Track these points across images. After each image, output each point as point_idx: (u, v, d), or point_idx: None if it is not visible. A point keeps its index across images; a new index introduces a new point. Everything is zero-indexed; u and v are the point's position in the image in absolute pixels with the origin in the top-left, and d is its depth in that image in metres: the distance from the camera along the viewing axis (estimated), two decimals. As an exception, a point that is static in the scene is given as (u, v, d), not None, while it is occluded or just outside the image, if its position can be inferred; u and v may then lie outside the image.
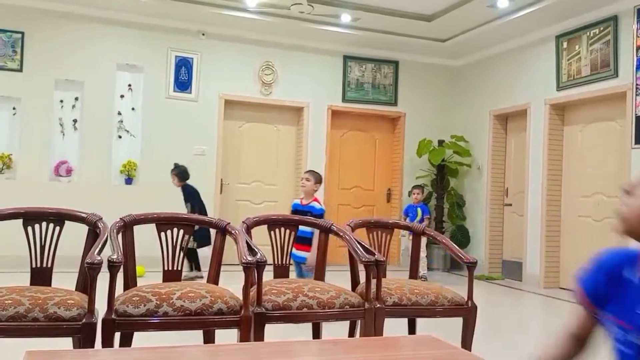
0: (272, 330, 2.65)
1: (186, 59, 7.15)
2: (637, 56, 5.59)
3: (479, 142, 7.74)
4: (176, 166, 6.31)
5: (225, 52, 7.31)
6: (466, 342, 2.98)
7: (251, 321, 2.58)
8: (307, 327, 3.08)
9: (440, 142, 7.95)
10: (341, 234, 3.17)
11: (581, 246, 6.33)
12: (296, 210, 4.41)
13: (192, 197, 6.16)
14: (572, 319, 1.47)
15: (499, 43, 7.33)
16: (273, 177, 7.72)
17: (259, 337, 2.62)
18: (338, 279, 3.29)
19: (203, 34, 7.18)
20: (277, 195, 7.69)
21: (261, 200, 7.62)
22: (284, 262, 3.17)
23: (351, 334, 3.08)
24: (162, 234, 2.91)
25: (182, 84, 7.14)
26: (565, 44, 6.42)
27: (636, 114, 5.58)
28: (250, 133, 7.64)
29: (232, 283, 3.03)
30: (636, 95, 5.59)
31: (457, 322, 3.01)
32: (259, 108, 7.59)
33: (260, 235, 3.21)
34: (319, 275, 3.20)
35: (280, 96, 7.57)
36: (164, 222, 2.95)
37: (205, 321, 2.52)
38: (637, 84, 5.59)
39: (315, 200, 4.47)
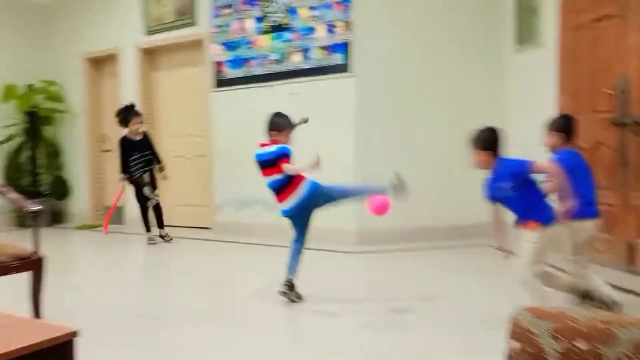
0: None
1: None
2: (212, 6, 6.06)
3: (74, 87, 7.36)
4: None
5: None
6: (36, 297, 2.85)
7: None
8: None
9: (29, 87, 7.25)
10: None
11: (179, 183, 6.74)
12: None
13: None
14: None
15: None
16: None
17: None
18: None
19: None
20: None
21: None
22: None
23: None
24: None
25: None
26: (148, -11, 6.52)
27: (214, 60, 6.12)
28: None
29: None
30: (213, 42, 6.10)
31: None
32: None
33: None
34: None
35: None
36: None
37: None
38: (213, 32, 6.09)
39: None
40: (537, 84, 4.87)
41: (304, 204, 3.40)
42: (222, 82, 6.05)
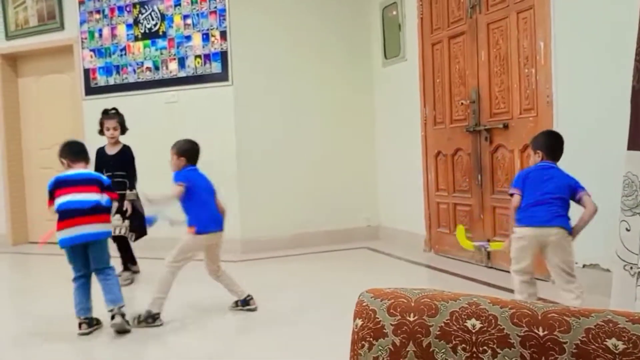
0: None
1: None
2: (80, 11, 5.83)
3: None
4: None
5: None
6: None
7: None
8: None
9: None
10: None
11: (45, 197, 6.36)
12: None
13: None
14: None
15: None
16: None
17: None
18: None
19: None
20: None
21: None
22: None
23: None
24: None
25: None
26: (9, -10, 6.14)
27: (84, 67, 5.87)
28: None
29: None
30: (82, 48, 5.86)
31: None
32: None
33: None
34: None
35: None
36: None
37: None
38: (82, 38, 5.85)
39: None
40: (404, 95, 5.21)
41: None
42: (94, 90, 5.83)
